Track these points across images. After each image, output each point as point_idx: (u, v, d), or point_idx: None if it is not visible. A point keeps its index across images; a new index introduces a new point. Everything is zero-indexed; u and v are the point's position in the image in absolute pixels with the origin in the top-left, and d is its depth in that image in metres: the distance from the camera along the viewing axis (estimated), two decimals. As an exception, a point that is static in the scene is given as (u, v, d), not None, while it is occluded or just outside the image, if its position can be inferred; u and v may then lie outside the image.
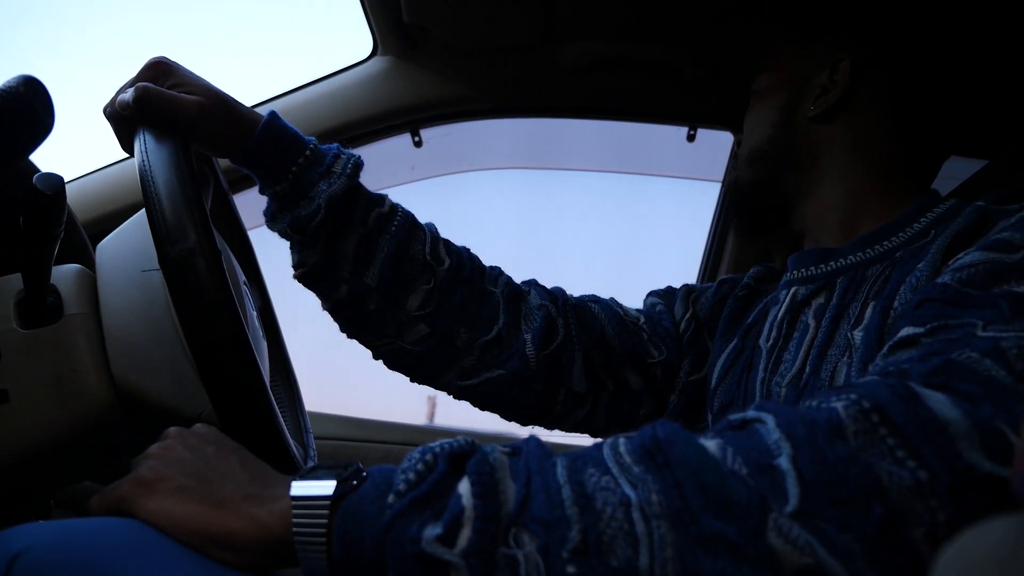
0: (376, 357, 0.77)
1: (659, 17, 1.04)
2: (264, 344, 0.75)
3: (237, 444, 0.49)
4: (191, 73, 0.66)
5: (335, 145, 0.71)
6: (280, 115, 0.68)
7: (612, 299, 0.84)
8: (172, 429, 0.50)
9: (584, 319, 0.77)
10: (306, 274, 0.71)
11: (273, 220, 0.70)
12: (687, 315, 0.81)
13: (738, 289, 0.80)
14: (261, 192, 0.70)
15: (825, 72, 0.70)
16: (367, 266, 0.70)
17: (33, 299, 0.56)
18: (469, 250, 0.79)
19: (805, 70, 0.72)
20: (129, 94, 0.59)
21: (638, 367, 0.78)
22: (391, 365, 0.77)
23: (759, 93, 0.76)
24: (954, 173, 1.15)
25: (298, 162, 0.67)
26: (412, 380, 0.79)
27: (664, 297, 0.85)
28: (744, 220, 0.79)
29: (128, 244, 0.61)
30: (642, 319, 0.81)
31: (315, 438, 0.87)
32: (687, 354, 0.80)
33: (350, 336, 0.76)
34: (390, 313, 0.71)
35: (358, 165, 0.70)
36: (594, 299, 0.82)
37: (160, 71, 0.64)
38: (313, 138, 0.70)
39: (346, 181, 0.68)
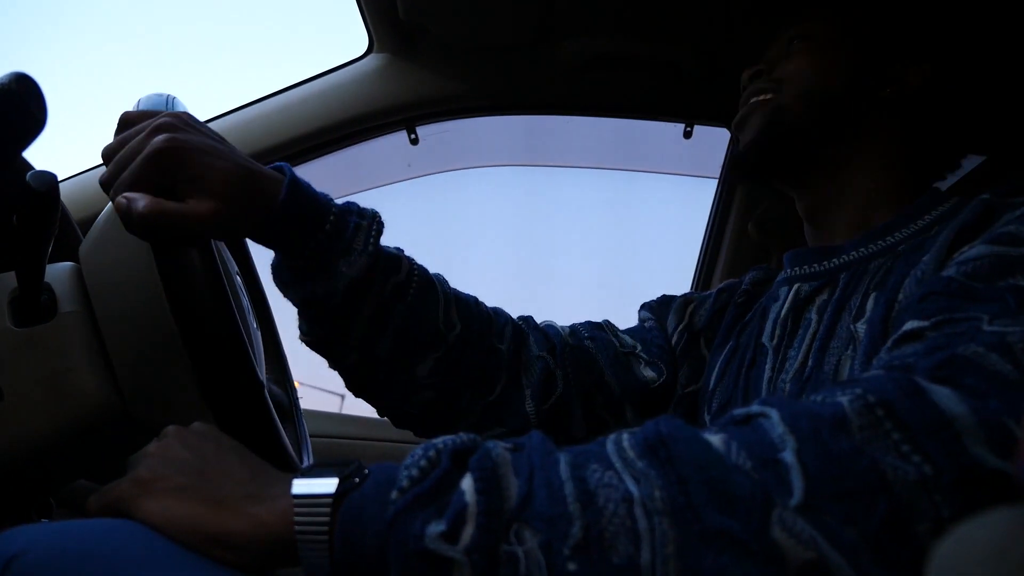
0: (380, 415, 0.75)
1: (656, 14, 1.03)
2: (259, 336, 0.75)
3: (236, 442, 0.49)
4: (206, 145, 0.54)
5: (354, 206, 0.64)
6: (297, 177, 0.60)
7: (607, 325, 0.82)
8: (170, 427, 0.49)
9: (582, 361, 0.76)
10: (315, 342, 0.68)
11: (284, 286, 0.65)
12: (680, 326, 0.81)
13: (737, 296, 0.80)
14: (275, 264, 0.64)
15: (901, 63, 0.69)
16: (379, 338, 0.65)
17: (27, 297, 0.55)
18: (477, 300, 0.76)
19: (878, 50, 0.70)
20: (139, 204, 0.49)
21: (636, 402, 0.76)
22: (396, 424, 0.75)
23: (819, 42, 0.72)
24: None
25: (318, 238, 0.59)
26: (415, 434, 0.76)
27: (656, 310, 0.85)
28: (768, 151, 0.71)
29: (110, 238, 0.61)
30: (638, 346, 0.79)
31: (312, 436, 0.87)
32: (681, 365, 0.79)
33: (355, 395, 0.72)
34: (398, 381, 0.69)
35: (380, 232, 0.64)
36: (591, 335, 0.79)
37: (171, 162, 0.52)
38: (333, 201, 0.63)
39: (367, 259, 0.61)
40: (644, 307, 0.86)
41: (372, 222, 0.63)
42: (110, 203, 0.62)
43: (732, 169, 0.73)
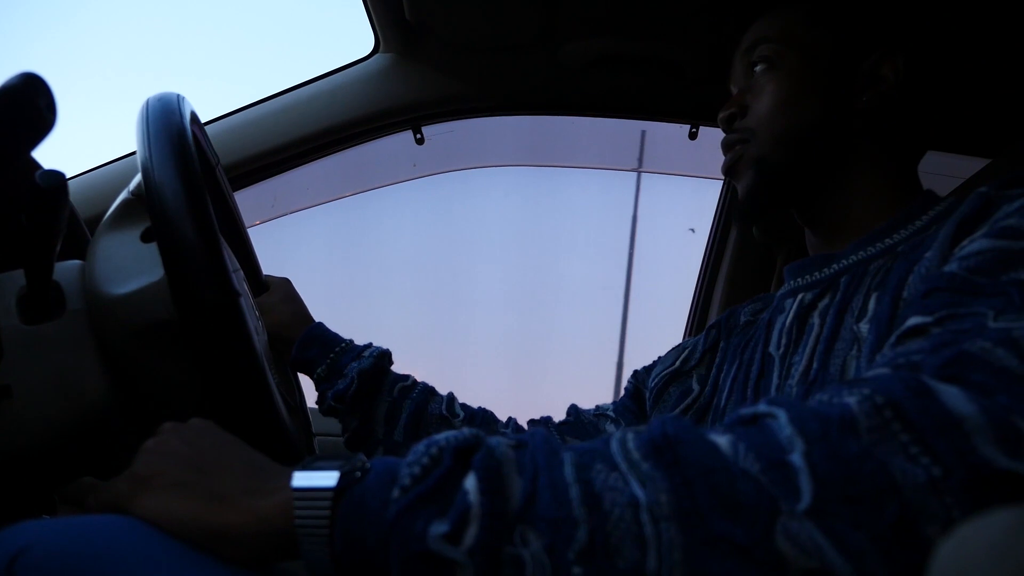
0: None
1: (661, 15, 1.03)
2: (264, 335, 0.76)
3: (234, 437, 0.49)
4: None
5: (369, 343, 0.90)
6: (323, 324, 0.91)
7: (597, 409, 0.93)
8: (167, 424, 0.49)
9: (567, 430, 0.89)
10: (352, 438, 0.87)
11: (322, 402, 0.87)
12: (664, 371, 0.84)
13: (738, 327, 0.81)
14: (315, 389, 0.89)
15: (870, 60, 0.67)
16: (394, 426, 0.85)
17: (35, 295, 0.56)
18: (484, 409, 0.92)
19: (845, 54, 0.68)
20: None
21: None
22: None
23: (779, 68, 0.70)
24: (957, 172, 1.15)
25: (335, 351, 0.87)
26: None
27: (641, 374, 0.92)
28: (763, 201, 0.72)
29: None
30: (610, 408, 0.91)
31: (317, 435, 0.88)
32: (659, 399, 0.84)
33: None
34: None
35: (384, 354, 0.89)
36: (571, 414, 0.92)
37: None
38: (349, 339, 0.90)
39: (374, 361, 0.86)
40: (633, 374, 0.93)
41: (378, 348, 0.89)
42: (115, 202, 0.62)
43: (736, 219, 0.77)
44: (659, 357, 0.91)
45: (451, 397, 0.91)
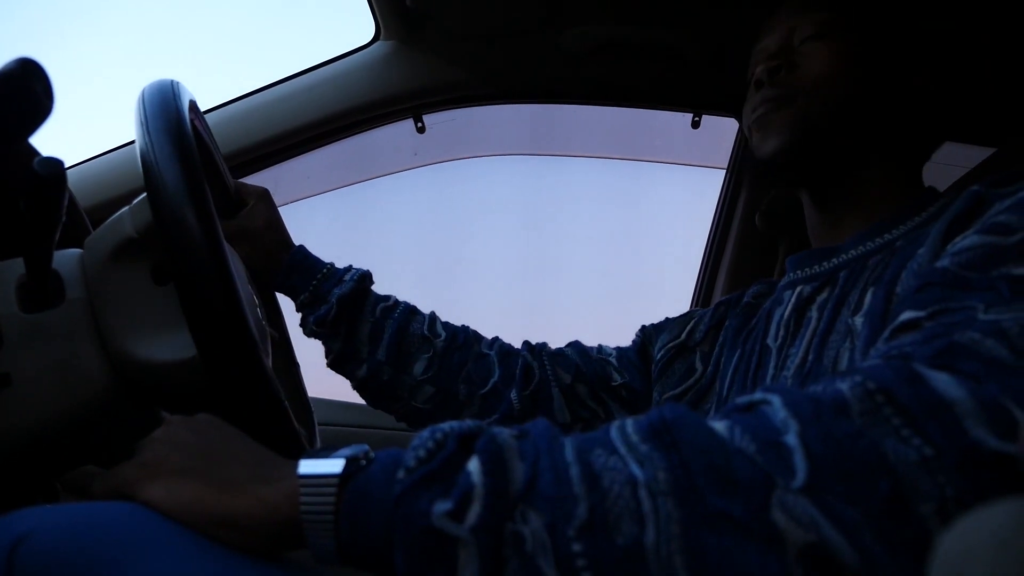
0: (398, 419, 0.91)
1: (663, 2, 1.03)
2: (266, 329, 0.75)
3: (240, 432, 0.49)
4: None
5: (350, 265, 0.89)
6: (305, 247, 0.90)
7: (595, 346, 0.93)
8: (175, 416, 0.50)
9: (558, 359, 0.89)
10: (335, 360, 0.88)
11: (304, 325, 0.88)
12: (670, 343, 0.84)
13: (739, 308, 0.81)
14: (296, 311, 0.89)
15: (909, 59, 0.68)
16: (378, 345, 0.86)
17: (35, 283, 0.56)
18: (467, 327, 0.92)
19: (894, 48, 0.69)
20: None
21: (608, 391, 0.87)
22: (409, 423, 0.91)
23: (834, 37, 0.69)
24: (963, 161, 1.14)
25: (316, 278, 0.86)
26: None
27: (649, 331, 0.91)
28: (784, 160, 0.70)
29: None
30: (614, 353, 0.90)
31: (320, 424, 0.88)
32: (663, 375, 0.83)
33: (375, 406, 0.91)
34: (400, 380, 0.86)
35: (365, 275, 0.88)
36: (572, 346, 0.93)
37: None
38: (331, 263, 0.89)
39: (354, 284, 0.86)
40: (641, 328, 0.93)
41: (359, 270, 0.88)
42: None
43: (756, 172, 0.73)
44: (667, 318, 0.90)
45: (432, 316, 0.91)
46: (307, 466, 0.41)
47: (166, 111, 0.55)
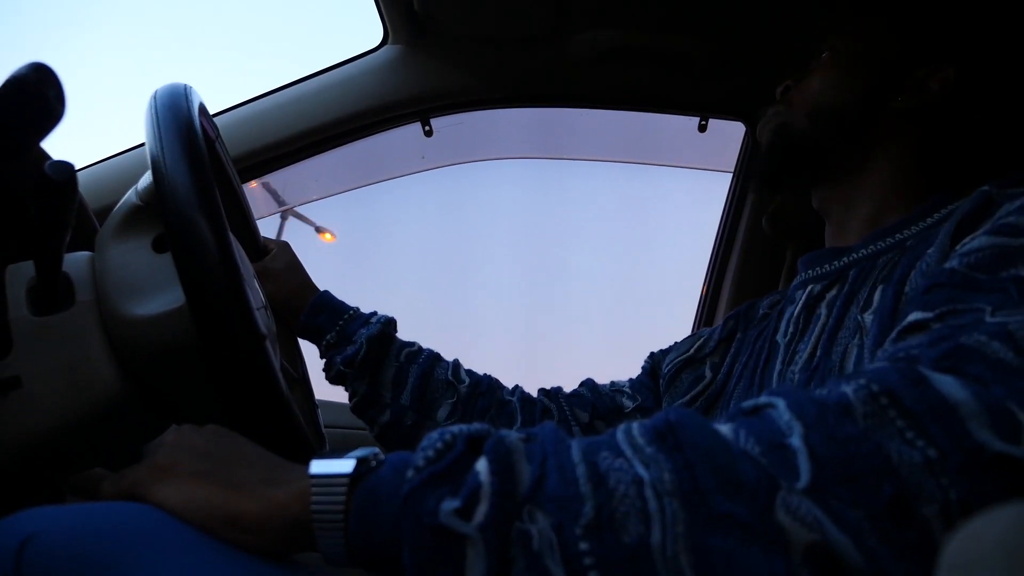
0: None
1: (670, 7, 1.03)
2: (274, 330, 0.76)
3: (250, 440, 0.50)
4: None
5: (374, 311, 0.91)
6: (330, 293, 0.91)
7: (612, 385, 0.95)
8: (185, 424, 0.50)
9: (576, 403, 0.90)
10: (359, 404, 0.87)
11: (329, 368, 0.88)
12: (678, 357, 0.86)
13: (755, 320, 0.83)
14: (321, 355, 0.90)
15: (924, 69, 0.69)
16: (402, 390, 0.87)
17: (45, 286, 0.56)
18: (489, 375, 0.93)
19: (903, 57, 0.71)
20: None
21: (623, 419, 0.87)
22: None
23: (840, 56, 0.74)
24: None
25: (343, 318, 0.88)
26: None
27: (657, 355, 0.94)
28: (775, 163, 0.77)
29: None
30: (627, 383, 0.93)
31: (325, 427, 0.88)
32: (671, 386, 0.85)
33: (389, 451, 0.90)
34: (424, 426, 0.87)
35: (390, 321, 0.90)
36: (585, 385, 0.94)
37: None
38: (356, 307, 0.91)
39: (381, 327, 0.87)
40: (650, 355, 0.95)
41: (384, 316, 0.90)
42: (120, 204, 0.62)
43: (748, 171, 0.79)
44: (675, 342, 0.92)
45: (456, 363, 0.92)
46: (318, 466, 0.42)
47: (178, 115, 0.56)
